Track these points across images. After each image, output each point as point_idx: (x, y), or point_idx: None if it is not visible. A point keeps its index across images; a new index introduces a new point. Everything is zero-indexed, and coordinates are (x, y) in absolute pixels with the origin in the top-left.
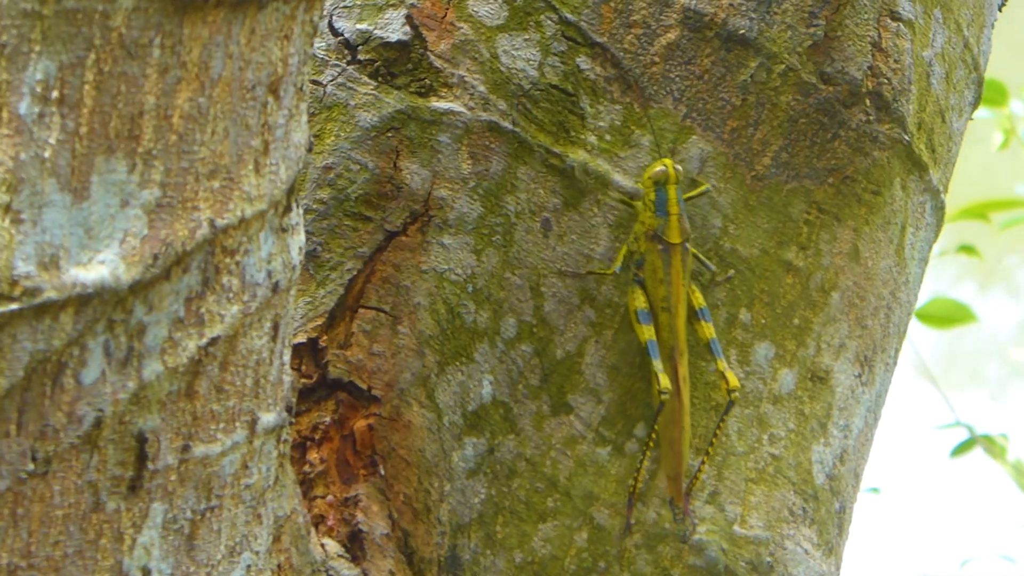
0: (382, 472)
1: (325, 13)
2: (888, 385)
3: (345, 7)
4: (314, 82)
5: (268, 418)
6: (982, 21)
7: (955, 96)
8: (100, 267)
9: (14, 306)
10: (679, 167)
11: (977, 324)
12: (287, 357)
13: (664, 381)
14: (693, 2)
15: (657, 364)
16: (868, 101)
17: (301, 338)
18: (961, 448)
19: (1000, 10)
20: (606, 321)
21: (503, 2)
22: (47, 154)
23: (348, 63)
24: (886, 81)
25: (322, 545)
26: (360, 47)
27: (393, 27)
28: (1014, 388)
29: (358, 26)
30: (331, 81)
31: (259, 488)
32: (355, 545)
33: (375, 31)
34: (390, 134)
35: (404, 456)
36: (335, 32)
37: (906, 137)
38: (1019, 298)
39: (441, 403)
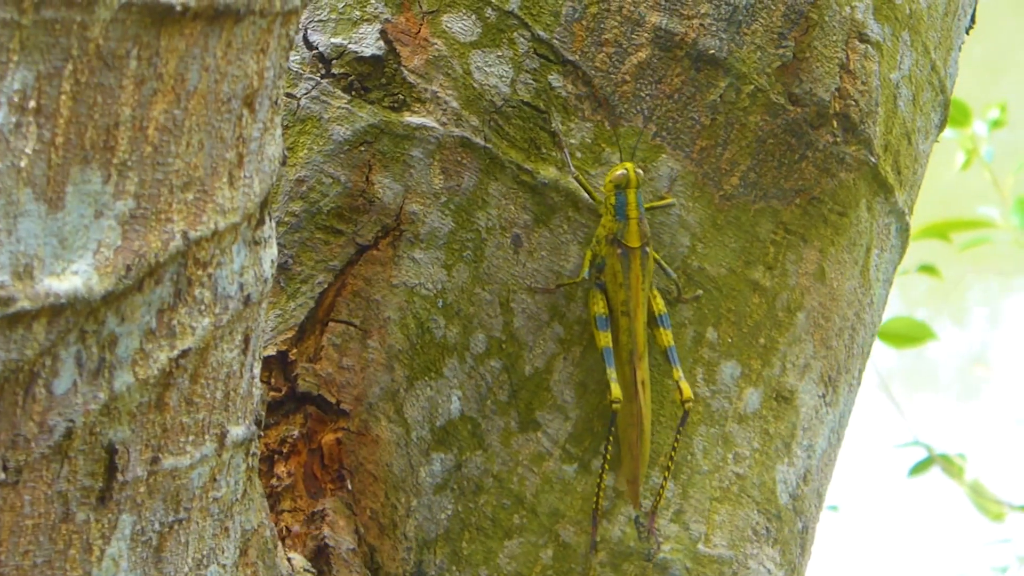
0: (349, 487)
1: (300, 26)
2: (852, 405)
3: (320, 21)
4: (288, 95)
5: (237, 431)
6: (949, 44)
7: (922, 118)
8: (73, 277)
9: None
10: (640, 171)
11: (937, 342)
12: (257, 370)
13: (615, 391)
14: (664, 21)
15: (611, 372)
16: (835, 123)
17: (271, 351)
18: (919, 467)
19: (967, 33)
20: (575, 338)
21: (477, 19)
22: (23, 164)
23: (322, 77)
24: (853, 103)
25: (288, 559)
26: (334, 61)
27: (367, 42)
28: (974, 406)
29: (333, 40)
30: (305, 94)
31: (227, 501)
32: (321, 560)
33: (349, 45)
34: (363, 148)
35: (372, 471)
36: (310, 46)
37: (872, 159)
38: (979, 317)
39: (409, 418)
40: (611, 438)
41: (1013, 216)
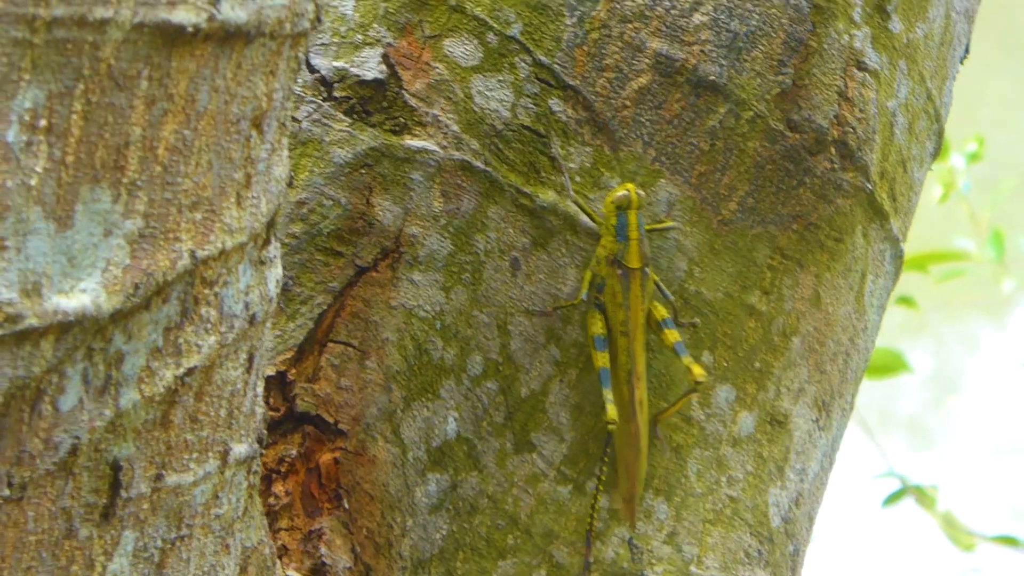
0: (346, 506)
1: None
2: (844, 430)
3: (322, 44)
4: None
5: (240, 449)
6: (944, 73)
7: (917, 146)
8: (82, 295)
9: None
10: (641, 192)
11: (912, 374)
12: (260, 389)
13: (611, 411)
14: (665, 47)
15: (607, 393)
16: (833, 149)
17: (270, 371)
18: (893, 498)
19: (961, 63)
20: (571, 360)
21: (478, 43)
22: (33, 182)
23: (324, 100)
24: (851, 130)
25: None
26: (336, 84)
27: (369, 65)
28: (949, 438)
29: (335, 63)
30: (307, 117)
31: (228, 518)
32: None
33: (351, 69)
34: (363, 171)
35: (368, 490)
36: (312, 69)
37: (869, 186)
38: (954, 348)
39: (406, 438)
40: (606, 458)
41: (989, 248)
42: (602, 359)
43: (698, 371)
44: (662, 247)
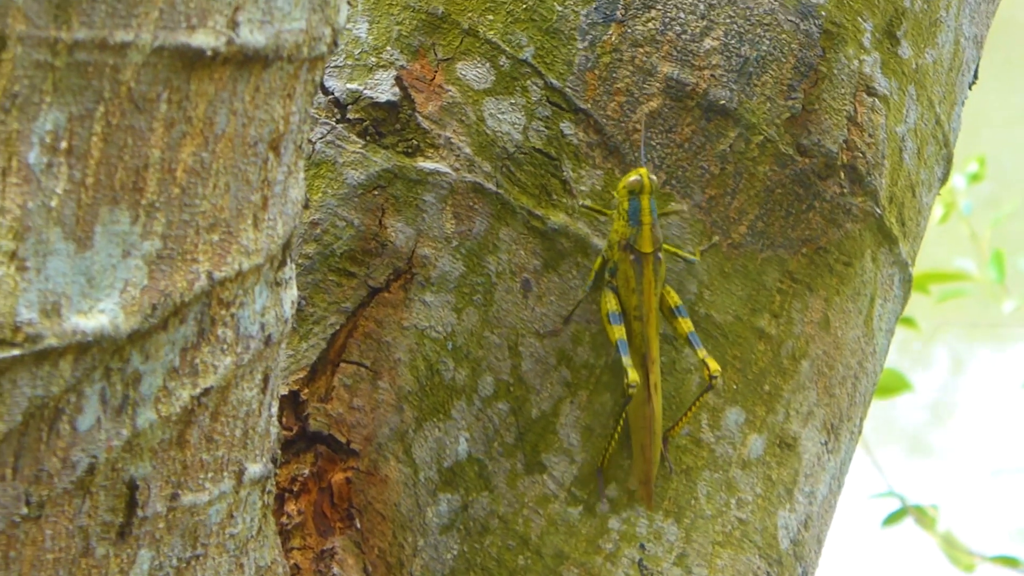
0: (358, 525)
1: None
2: (852, 452)
3: (336, 67)
4: None
5: (255, 469)
6: (953, 98)
7: (925, 171)
8: (100, 316)
9: (15, 352)
10: (654, 177)
11: (913, 393)
12: (275, 409)
13: (633, 375)
14: (676, 72)
15: (627, 360)
16: (843, 174)
17: (283, 390)
18: (893, 517)
19: (970, 88)
20: (581, 382)
21: (491, 66)
22: (53, 203)
23: (337, 121)
24: (861, 155)
25: None
26: (350, 106)
27: (383, 88)
28: (949, 457)
29: (348, 86)
30: (320, 139)
31: (243, 538)
32: None
33: (365, 91)
34: (376, 192)
35: (380, 510)
36: (325, 91)
37: (878, 210)
38: (954, 368)
39: (418, 458)
40: (621, 423)
41: (990, 269)
42: (618, 332)
43: (714, 365)
44: (672, 270)
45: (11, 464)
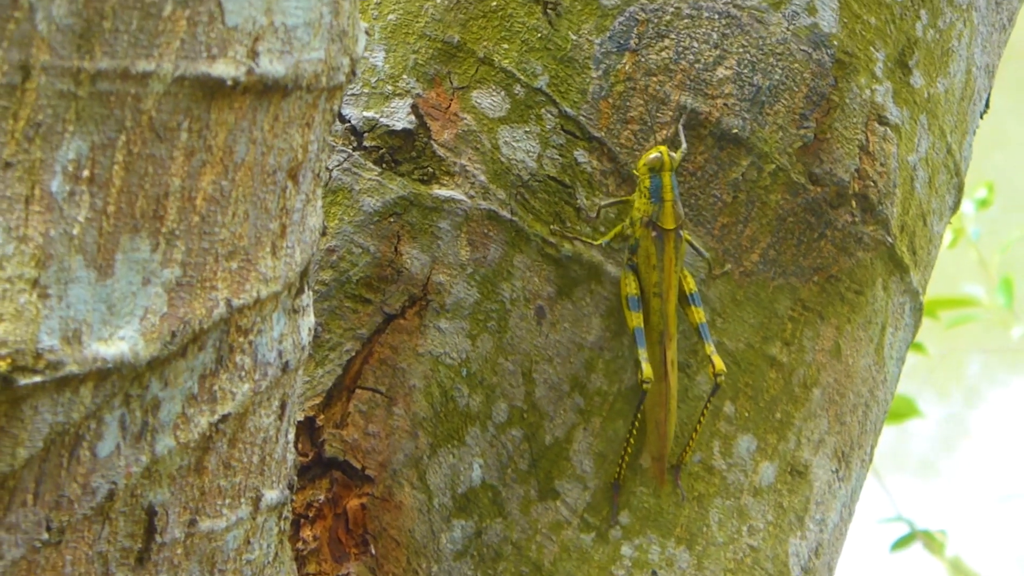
0: (373, 551)
1: None
2: (863, 481)
3: (353, 95)
4: None
5: (272, 495)
6: (964, 128)
7: (937, 200)
8: (120, 343)
9: (37, 378)
10: (674, 154)
11: (922, 419)
12: (292, 435)
13: (647, 370)
14: (688, 100)
15: (642, 352)
16: (854, 203)
17: (299, 416)
18: (901, 543)
19: (981, 117)
20: (595, 409)
21: (506, 95)
22: (75, 231)
23: (354, 149)
24: (872, 184)
25: None
26: (366, 134)
27: (399, 116)
28: (958, 482)
29: (365, 113)
30: (337, 166)
31: (260, 564)
32: None
33: (381, 119)
34: (392, 219)
35: (394, 536)
36: (342, 119)
37: (889, 239)
38: (963, 394)
39: (432, 485)
40: (637, 419)
41: (998, 295)
42: (636, 319)
43: (720, 364)
44: None
45: (32, 490)
